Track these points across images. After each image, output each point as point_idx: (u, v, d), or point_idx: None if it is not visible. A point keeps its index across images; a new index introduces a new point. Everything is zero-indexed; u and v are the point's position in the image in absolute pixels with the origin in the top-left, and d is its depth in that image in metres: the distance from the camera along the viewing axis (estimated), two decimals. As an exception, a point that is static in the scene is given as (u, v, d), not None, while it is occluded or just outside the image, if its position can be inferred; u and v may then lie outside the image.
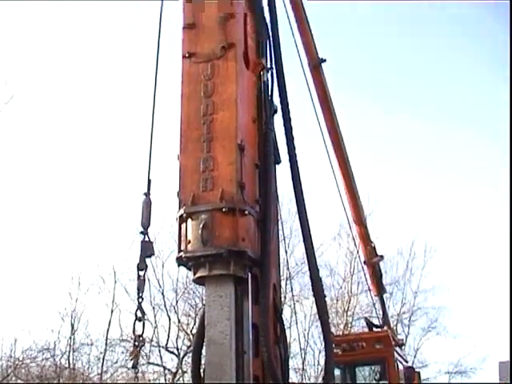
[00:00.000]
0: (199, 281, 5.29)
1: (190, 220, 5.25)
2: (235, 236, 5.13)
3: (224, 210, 5.15)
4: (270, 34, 6.13)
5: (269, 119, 5.81)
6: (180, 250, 5.29)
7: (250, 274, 5.30)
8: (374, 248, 12.43)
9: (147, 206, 5.66)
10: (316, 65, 9.35)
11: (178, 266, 5.42)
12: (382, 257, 12.69)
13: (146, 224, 5.61)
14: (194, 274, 5.26)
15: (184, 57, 5.60)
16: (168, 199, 5.77)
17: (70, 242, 26.96)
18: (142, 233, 5.62)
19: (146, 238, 5.62)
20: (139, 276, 5.57)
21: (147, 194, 5.70)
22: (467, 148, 35.89)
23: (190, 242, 5.21)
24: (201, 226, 5.13)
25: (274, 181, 5.76)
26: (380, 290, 13.09)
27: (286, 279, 15.07)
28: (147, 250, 5.61)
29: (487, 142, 32.39)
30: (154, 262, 23.56)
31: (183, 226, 5.32)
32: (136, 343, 5.49)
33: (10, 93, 14.26)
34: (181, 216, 5.31)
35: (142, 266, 5.57)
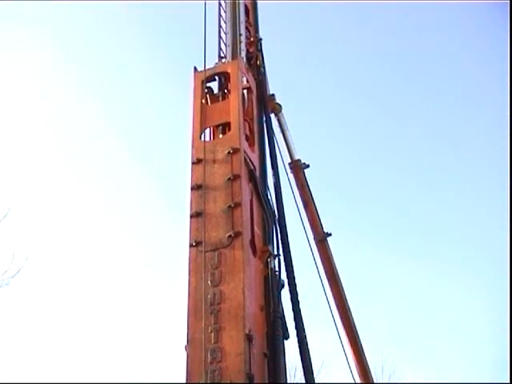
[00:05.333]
0: None
1: (197, 413, 5.08)
2: None
3: (232, 402, 4.98)
4: (277, 219, 6.25)
5: (276, 307, 5.77)
6: None
7: None
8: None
9: None
10: (321, 239, 9.40)
11: None
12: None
13: None
14: None
15: (191, 245, 5.65)
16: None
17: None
18: None
19: None
20: None
21: None
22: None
23: None
24: (208, 420, 4.95)
25: (283, 371, 5.61)
26: None
27: None
28: None
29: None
30: None
31: (190, 419, 5.14)
32: None
33: (17, 266, 14.32)
34: (188, 409, 5.14)
35: None
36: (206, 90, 6.72)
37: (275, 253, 6.08)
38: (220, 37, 7.94)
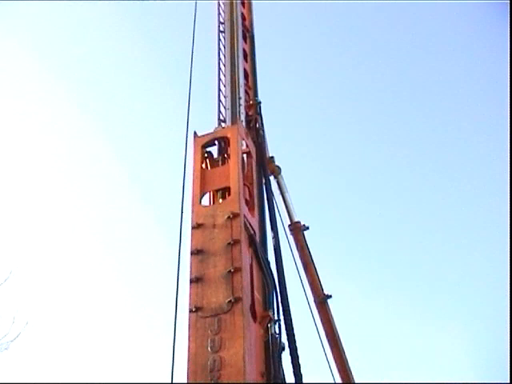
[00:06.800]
0: None
1: None
2: None
3: None
4: (277, 283, 6.25)
5: (277, 373, 5.73)
6: None
7: None
8: None
9: None
10: (322, 301, 9.38)
11: None
12: None
13: None
14: None
15: (191, 311, 5.62)
16: None
17: None
18: None
19: None
20: None
21: None
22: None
23: None
24: None
25: None
26: None
27: None
28: None
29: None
30: None
31: None
32: None
33: (17, 330, 14.25)
34: None
35: None
36: (206, 155, 6.80)
37: (275, 317, 6.06)
38: (219, 100, 8.08)
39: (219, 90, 8.22)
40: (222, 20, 9.39)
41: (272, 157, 8.54)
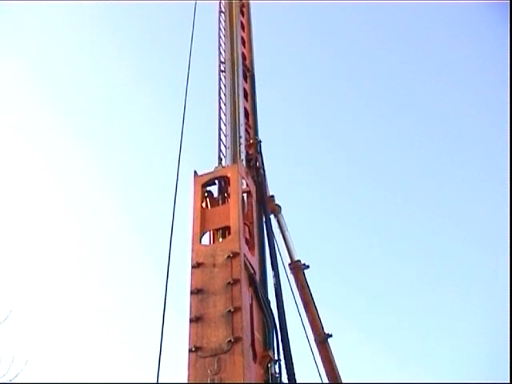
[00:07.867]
0: None
1: None
2: None
3: None
4: (277, 323, 6.23)
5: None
6: None
7: None
8: None
9: None
10: (322, 340, 9.32)
11: None
12: None
13: None
14: None
15: (190, 351, 5.58)
16: None
17: None
18: None
19: None
20: None
21: None
22: None
23: None
24: None
25: None
26: None
27: None
28: None
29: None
30: None
31: None
32: None
33: (16, 369, 14.19)
34: None
35: None
36: (206, 194, 6.83)
37: (276, 357, 6.04)
38: (220, 139, 8.14)
39: (220, 128, 8.29)
40: (222, 59, 9.52)
41: (272, 195, 8.57)
